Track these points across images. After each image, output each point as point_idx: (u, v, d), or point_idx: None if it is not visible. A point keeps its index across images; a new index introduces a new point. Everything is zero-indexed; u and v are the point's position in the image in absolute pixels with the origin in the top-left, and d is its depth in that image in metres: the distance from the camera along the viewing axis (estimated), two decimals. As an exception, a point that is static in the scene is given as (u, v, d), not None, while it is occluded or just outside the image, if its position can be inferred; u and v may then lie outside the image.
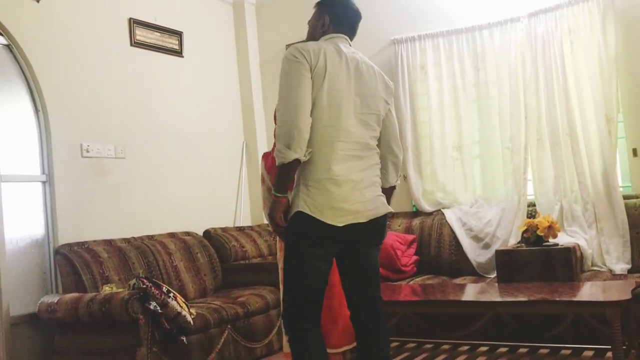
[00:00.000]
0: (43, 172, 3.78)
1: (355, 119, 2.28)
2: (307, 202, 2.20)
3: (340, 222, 2.21)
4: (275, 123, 2.23)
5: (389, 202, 2.43)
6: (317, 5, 2.48)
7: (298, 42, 2.41)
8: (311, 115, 2.18)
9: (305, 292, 2.26)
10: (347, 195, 2.22)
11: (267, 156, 3.20)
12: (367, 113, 2.33)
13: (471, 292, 3.57)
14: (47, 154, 3.79)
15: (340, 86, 2.25)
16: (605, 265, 3.87)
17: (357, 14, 2.48)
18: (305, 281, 2.25)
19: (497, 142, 4.41)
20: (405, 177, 4.66)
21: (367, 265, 2.37)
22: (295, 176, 2.27)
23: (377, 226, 2.34)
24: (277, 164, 2.18)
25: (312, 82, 2.20)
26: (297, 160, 2.17)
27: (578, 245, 3.83)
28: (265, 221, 4.48)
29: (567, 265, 3.53)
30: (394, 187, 2.52)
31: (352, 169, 2.25)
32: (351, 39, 2.45)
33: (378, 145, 2.41)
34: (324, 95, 2.21)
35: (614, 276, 3.68)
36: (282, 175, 2.20)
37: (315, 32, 2.43)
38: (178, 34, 4.84)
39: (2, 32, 3.64)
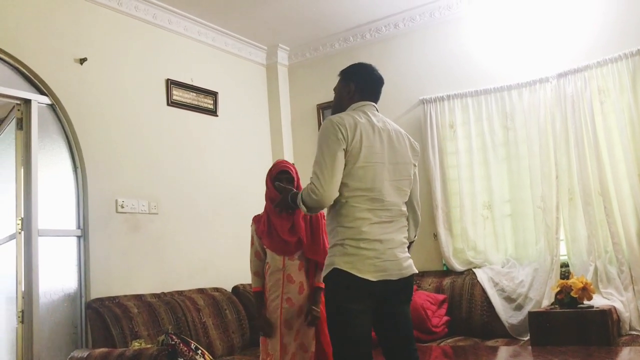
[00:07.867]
0: (78, 227, 3.87)
1: (389, 187, 2.42)
2: (344, 260, 2.34)
3: (374, 277, 2.32)
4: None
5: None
6: (342, 73, 2.62)
7: (331, 111, 2.55)
8: (348, 184, 2.35)
9: (352, 346, 2.34)
10: (379, 253, 2.35)
11: (257, 220, 3.18)
12: (400, 179, 2.47)
13: (504, 355, 3.48)
14: (83, 209, 3.89)
15: (375, 158, 2.40)
16: (644, 329, 3.74)
17: (380, 80, 2.62)
18: (349, 336, 2.33)
19: (528, 201, 4.37)
20: (435, 236, 4.64)
21: (402, 321, 2.47)
22: (330, 237, 2.45)
23: (407, 284, 2.46)
24: (300, 207, 2.43)
25: (350, 155, 2.35)
26: None
27: (614, 308, 3.72)
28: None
29: (604, 328, 3.43)
30: (412, 242, 2.63)
31: (382, 229, 2.38)
32: (376, 102, 2.58)
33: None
34: (360, 168, 2.36)
35: (654, 341, 3.55)
36: (295, 207, 2.56)
37: (342, 100, 2.58)
38: (213, 94, 5.00)
39: (46, 92, 3.81)
